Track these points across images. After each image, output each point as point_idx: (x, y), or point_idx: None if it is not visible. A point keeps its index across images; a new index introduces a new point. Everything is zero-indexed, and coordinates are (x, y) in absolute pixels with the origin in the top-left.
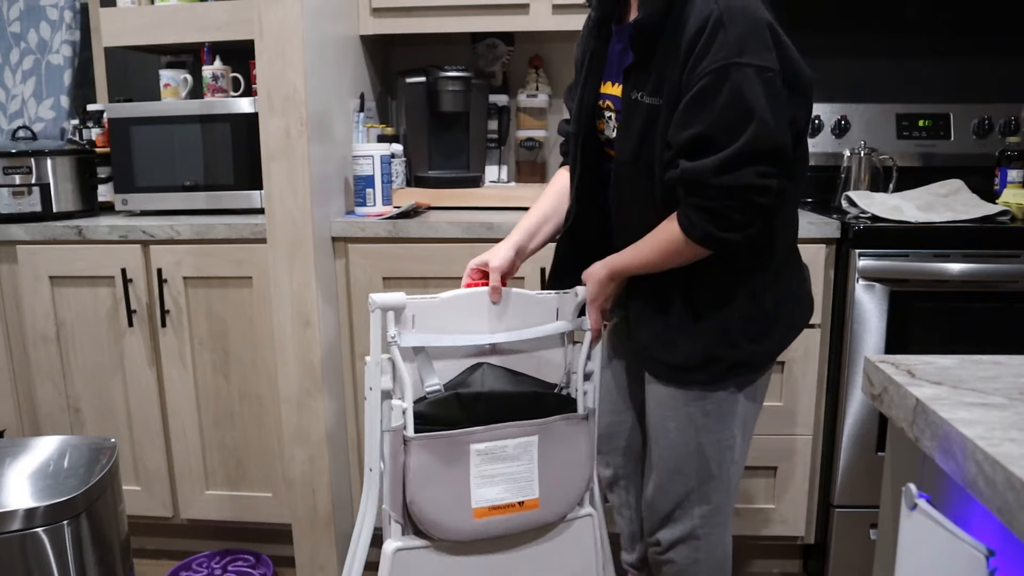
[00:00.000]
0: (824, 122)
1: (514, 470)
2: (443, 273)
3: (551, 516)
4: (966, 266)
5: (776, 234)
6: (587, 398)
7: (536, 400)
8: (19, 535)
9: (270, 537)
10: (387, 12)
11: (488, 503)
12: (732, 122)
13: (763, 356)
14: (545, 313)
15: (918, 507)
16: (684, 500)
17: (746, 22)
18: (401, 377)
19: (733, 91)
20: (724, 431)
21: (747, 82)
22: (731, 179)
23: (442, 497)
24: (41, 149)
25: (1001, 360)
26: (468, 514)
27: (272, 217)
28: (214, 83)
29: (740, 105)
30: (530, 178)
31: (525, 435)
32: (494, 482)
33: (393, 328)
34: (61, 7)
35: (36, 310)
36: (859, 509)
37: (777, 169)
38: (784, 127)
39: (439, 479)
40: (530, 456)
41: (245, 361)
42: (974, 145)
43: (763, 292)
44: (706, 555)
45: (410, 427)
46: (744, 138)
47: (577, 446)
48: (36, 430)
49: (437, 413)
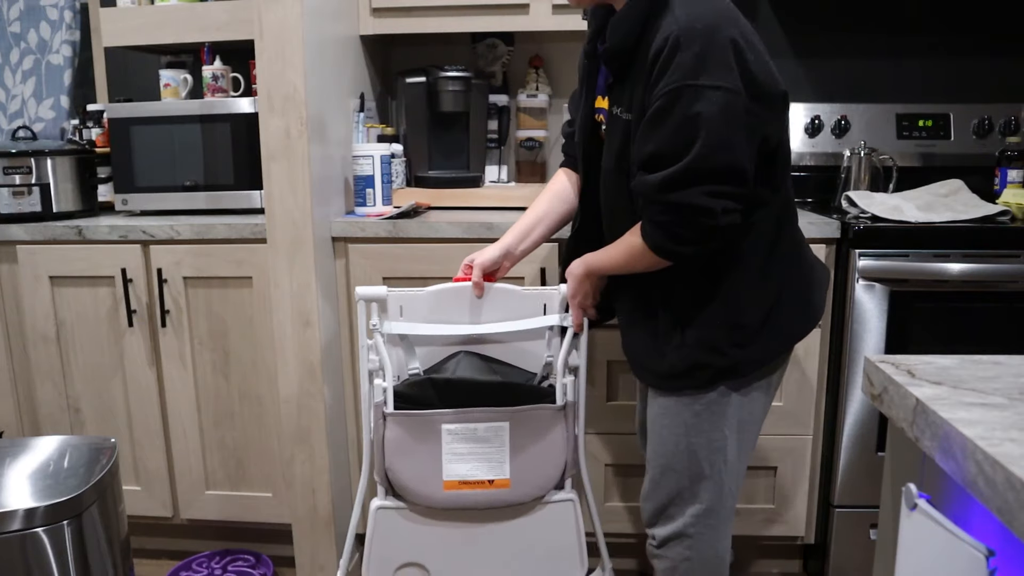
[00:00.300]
0: (824, 122)
1: (485, 451)
2: (443, 273)
3: (522, 497)
4: (966, 266)
5: (753, 243)
6: (568, 390)
7: (507, 389)
8: (19, 535)
9: (270, 537)
10: (387, 12)
11: (458, 478)
12: (680, 141)
13: (751, 364)
14: (530, 308)
15: (918, 507)
16: (676, 498)
17: (704, 42)
18: (383, 360)
19: (684, 112)
20: (715, 432)
21: (699, 103)
22: (675, 197)
23: (415, 467)
24: (41, 149)
25: (1001, 360)
26: (438, 485)
27: (272, 217)
28: (214, 83)
29: (689, 125)
30: (530, 178)
31: (495, 420)
32: (465, 460)
33: (375, 317)
34: (61, 7)
35: (36, 310)
36: (859, 509)
37: (730, 188)
38: (741, 146)
39: (412, 451)
40: (501, 440)
41: (245, 361)
42: (974, 145)
43: (746, 300)
44: (697, 555)
45: (390, 404)
46: (688, 157)
47: (551, 434)
48: (36, 430)
49: (413, 394)
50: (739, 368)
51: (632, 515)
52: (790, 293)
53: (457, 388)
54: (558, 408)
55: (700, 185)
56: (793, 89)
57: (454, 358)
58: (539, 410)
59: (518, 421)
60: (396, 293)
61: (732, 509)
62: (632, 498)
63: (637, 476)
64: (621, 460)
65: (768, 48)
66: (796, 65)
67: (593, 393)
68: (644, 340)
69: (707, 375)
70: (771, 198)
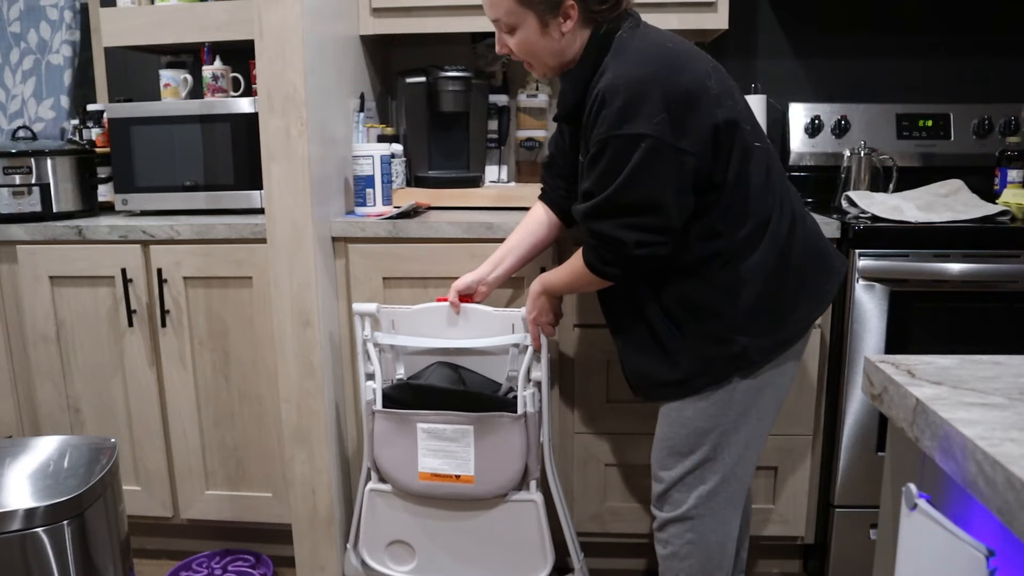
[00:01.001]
0: (824, 122)
1: (453, 449)
2: (443, 273)
3: (485, 493)
4: (966, 266)
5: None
6: (528, 402)
7: (470, 397)
8: (19, 535)
9: (270, 537)
10: (387, 12)
11: (431, 471)
12: (603, 180)
13: (760, 351)
14: (501, 327)
15: (918, 507)
16: (680, 482)
17: (627, 96)
18: (374, 365)
19: (609, 157)
20: (723, 417)
21: (623, 149)
22: (594, 225)
23: (396, 458)
24: (41, 149)
25: (1001, 360)
26: (414, 475)
27: (272, 217)
28: (214, 83)
29: (611, 168)
30: (530, 178)
31: (460, 423)
32: (436, 455)
33: (368, 329)
34: (61, 7)
35: (36, 310)
36: (859, 509)
37: (647, 220)
38: (664, 183)
39: (395, 444)
40: (467, 441)
41: (245, 361)
42: (974, 145)
43: (735, 290)
44: (699, 537)
45: (378, 402)
46: (605, 193)
47: (510, 440)
48: (36, 430)
49: (396, 396)
50: (749, 355)
51: (634, 515)
52: (795, 282)
53: (429, 393)
54: (516, 417)
55: (615, 218)
56: (793, 89)
57: (430, 367)
58: (499, 418)
59: (481, 426)
60: (386, 309)
61: (739, 496)
62: (633, 498)
63: (637, 476)
64: (621, 460)
65: (768, 48)
66: (796, 65)
67: (593, 393)
68: (649, 356)
69: (721, 363)
70: (742, 212)
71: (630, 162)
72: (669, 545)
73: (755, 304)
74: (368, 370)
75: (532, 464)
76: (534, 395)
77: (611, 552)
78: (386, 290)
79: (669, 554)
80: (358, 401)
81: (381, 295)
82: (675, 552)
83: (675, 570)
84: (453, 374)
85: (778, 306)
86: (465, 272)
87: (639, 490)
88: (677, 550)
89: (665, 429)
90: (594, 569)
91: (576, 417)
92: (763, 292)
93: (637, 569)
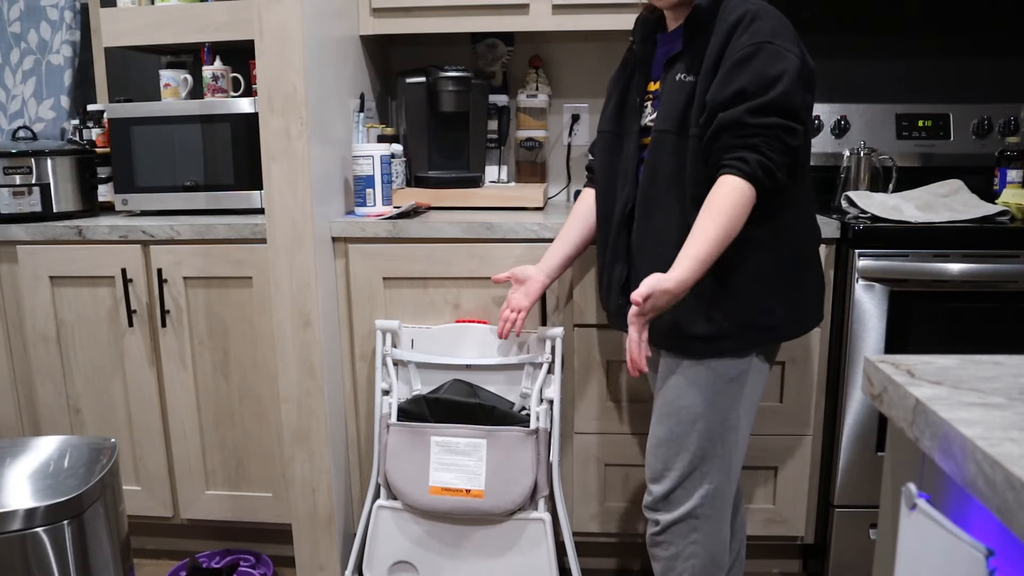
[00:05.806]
0: (824, 122)
1: (465, 463)
2: (443, 273)
3: (494, 508)
4: (966, 266)
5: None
6: (540, 418)
7: (483, 410)
8: (19, 535)
9: (270, 537)
10: (387, 12)
11: (442, 484)
12: (764, 81)
13: (788, 325)
14: (515, 348)
15: (918, 507)
16: (686, 480)
17: (777, 18)
18: (392, 380)
19: (767, 59)
20: (730, 411)
21: (779, 56)
22: (763, 120)
23: (407, 472)
24: (41, 149)
25: (1001, 360)
26: (424, 489)
27: (272, 217)
28: (214, 83)
29: (772, 69)
30: (530, 178)
31: (473, 437)
32: (448, 469)
33: (388, 346)
34: (61, 7)
35: (36, 310)
36: (859, 509)
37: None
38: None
39: (407, 458)
40: (479, 455)
41: (245, 361)
42: (974, 145)
43: (790, 264)
44: (704, 536)
45: (393, 416)
46: (771, 94)
47: (521, 455)
48: (36, 430)
49: (411, 410)
50: (779, 328)
51: (632, 515)
52: (816, 275)
53: (443, 406)
54: (529, 432)
55: (779, 117)
56: None
57: (447, 383)
58: (511, 432)
59: (493, 440)
60: (408, 329)
61: (733, 494)
62: (633, 498)
63: (637, 476)
64: (621, 460)
65: None
66: None
67: (593, 393)
68: (687, 304)
69: (751, 336)
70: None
71: (789, 71)
72: (671, 547)
73: (804, 277)
74: (384, 385)
75: (541, 481)
76: (547, 412)
77: (611, 552)
78: (386, 290)
79: (671, 556)
80: (358, 401)
81: (381, 295)
82: (678, 553)
83: (678, 571)
84: (469, 390)
85: (811, 289)
86: (465, 272)
87: (639, 490)
88: (681, 550)
89: (674, 427)
90: (594, 569)
91: (576, 417)
92: (814, 268)
93: (637, 569)
